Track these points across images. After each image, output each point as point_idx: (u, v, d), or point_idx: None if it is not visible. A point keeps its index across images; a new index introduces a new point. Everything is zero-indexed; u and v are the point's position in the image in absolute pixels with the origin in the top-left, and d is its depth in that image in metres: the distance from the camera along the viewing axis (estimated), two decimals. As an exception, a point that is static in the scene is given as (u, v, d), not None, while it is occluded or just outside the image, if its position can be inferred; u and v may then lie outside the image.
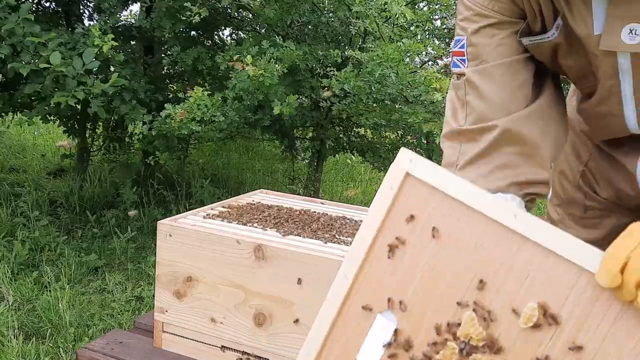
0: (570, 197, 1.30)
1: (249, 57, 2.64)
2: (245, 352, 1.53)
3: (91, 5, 4.06)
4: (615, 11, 0.88)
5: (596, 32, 0.91)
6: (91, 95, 2.88)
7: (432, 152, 2.89)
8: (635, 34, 0.88)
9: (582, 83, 1.06)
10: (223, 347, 1.60)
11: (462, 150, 1.02)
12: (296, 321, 1.48)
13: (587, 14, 0.91)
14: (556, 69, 1.06)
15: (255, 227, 1.67)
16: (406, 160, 0.82)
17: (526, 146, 0.99)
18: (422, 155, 3.27)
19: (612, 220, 1.25)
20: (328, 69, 2.89)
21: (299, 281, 1.41)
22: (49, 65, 2.71)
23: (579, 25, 0.92)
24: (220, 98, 2.91)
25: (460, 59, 1.03)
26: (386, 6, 2.88)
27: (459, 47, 1.03)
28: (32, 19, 2.82)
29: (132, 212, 3.56)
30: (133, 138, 4.49)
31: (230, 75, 2.84)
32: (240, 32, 4.26)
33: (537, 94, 1.03)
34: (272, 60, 2.72)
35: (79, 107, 3.80)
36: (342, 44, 3.44)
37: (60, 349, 2.20)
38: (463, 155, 1.02)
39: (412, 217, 0.80)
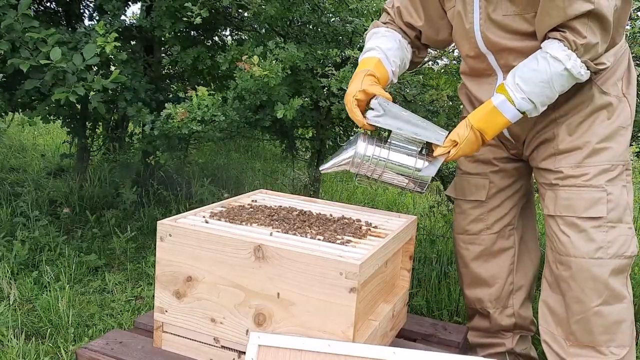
0: None
1: (255, 57, 2.64)
2: (245, 352, 1.53)
3: (92, 5, 4.05)
4: None
5: None
6: (91, 91, 2.87)
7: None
8: None
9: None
10: (223, 347, 1.60)
11: None
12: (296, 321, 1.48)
13: None
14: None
15: (255, 227, 1.67)
16: (255, 337, 1.38)
17: None
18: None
19: None
20: (327, 69, 2.89)
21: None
22: (49, 62, 2.71)
23: None
24: (220, 98, 2.91)
25: None
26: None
27: None
28: (31, 14, 2.81)
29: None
30: (133, 138, 4.49)
31: (235, 75, 2.84)
32: (240, 33, 4.25)
33: None
34: (275, 60, 2.72)
35: (79, 106, 3.80)
36: (342, 44, 3.43)
37: (61, 349, 2.20)
38: None
39: None
